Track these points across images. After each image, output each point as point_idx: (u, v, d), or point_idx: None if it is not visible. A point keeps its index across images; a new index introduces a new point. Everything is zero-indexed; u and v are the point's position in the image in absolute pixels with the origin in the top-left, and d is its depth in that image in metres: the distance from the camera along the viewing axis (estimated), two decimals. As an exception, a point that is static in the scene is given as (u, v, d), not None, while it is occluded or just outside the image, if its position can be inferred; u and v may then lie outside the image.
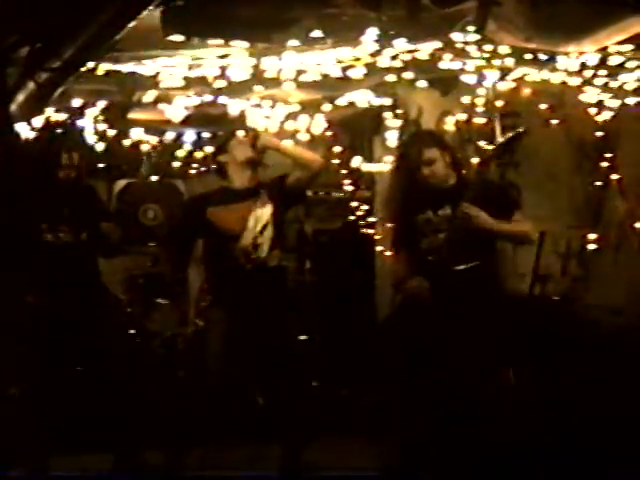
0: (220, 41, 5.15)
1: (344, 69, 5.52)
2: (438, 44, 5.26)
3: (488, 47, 5.28)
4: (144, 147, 7.00)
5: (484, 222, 4.74)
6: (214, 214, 5.01)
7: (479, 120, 6.20)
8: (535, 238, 5.30)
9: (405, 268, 4.95)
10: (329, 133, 6.73)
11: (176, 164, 7.31)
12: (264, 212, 4.98)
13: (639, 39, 5.08)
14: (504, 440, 4.68)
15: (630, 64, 5.39)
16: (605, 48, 5.22)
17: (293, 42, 5.10)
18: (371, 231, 7.23)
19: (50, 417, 4.93)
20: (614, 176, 6.31)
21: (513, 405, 4.90)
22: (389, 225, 5.22)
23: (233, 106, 5.96)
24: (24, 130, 5.33)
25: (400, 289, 5.01)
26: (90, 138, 6.28)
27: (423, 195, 4.90)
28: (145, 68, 5.48)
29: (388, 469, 4.81)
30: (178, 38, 5.05)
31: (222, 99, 5.88)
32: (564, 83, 5.62)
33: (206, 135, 7.03)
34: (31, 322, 4.99)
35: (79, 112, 5.90)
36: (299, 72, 5.51)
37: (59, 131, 5.89)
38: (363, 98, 6.12)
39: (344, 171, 7.20)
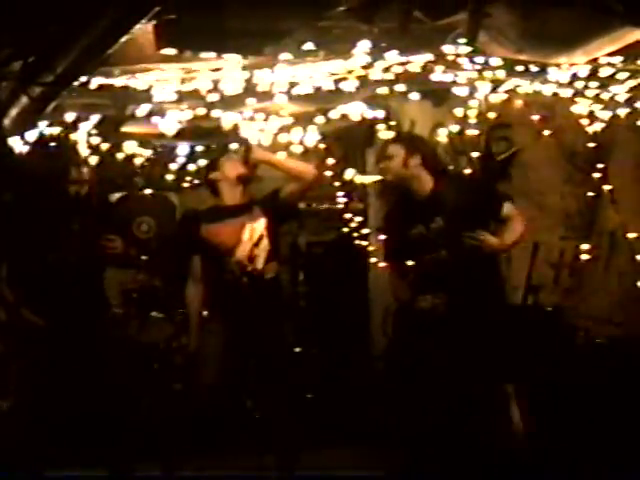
0: (213, 54, 5.17)
1: (336, 81, 5.54)
2: (430, 56, 5.28)
3: (480, 59, 5.30)
4: (137, 160, 7.00)
5: (491, 245, 4.75)
6: (208, 231, 5.01)
7: (472, 132, 6.22)
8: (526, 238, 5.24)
9: (409, 286, 4.91)
10: (322, 145, 6.74)
11: (169, 177, 7.32)
12: (258, 226, 4.99)
13: (629, 50, 5.12)
14: (503, 447, 4.72)
15: (620, 75, 5.42)
16: (596, 60, 5.25)
17: (285, 55, 5.12)
18: (364, 243, 7.24)
19: (47, 427, 4.91)
20: (606, 187, 6.33)
21: (510, 414, 4.91)
22: (383, 239, 5.21)
23: (226, 119, 5.97)
24: (17, 144, 5.33)
25: (410, 308, 4.94)
26: (84, 152, 6.27)
27: (407, 205, 4.90)
28: (138, 82, 5.49)
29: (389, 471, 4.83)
30: (171, 51, 5.07)
31: (215, 112, 5.89)
32: (555, 95, 5.64)
33: (199, 148, 7.05)
34: (29, 335, 4.96)
35: (73, 126, 5.89)
36: (292, 85, 5.53)
37: (52, 145, 5.89)
38: (356, 110, 6.13)
39: (337, 183, 7.21)
